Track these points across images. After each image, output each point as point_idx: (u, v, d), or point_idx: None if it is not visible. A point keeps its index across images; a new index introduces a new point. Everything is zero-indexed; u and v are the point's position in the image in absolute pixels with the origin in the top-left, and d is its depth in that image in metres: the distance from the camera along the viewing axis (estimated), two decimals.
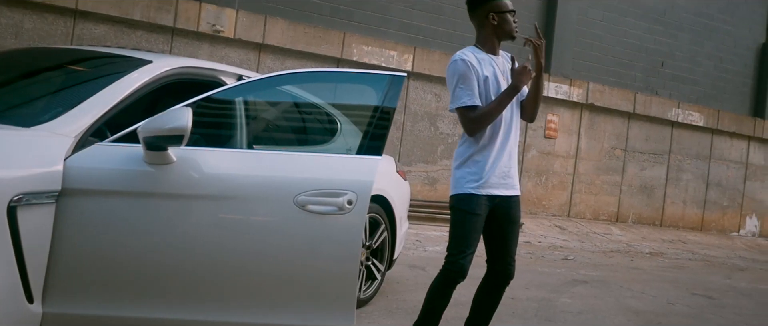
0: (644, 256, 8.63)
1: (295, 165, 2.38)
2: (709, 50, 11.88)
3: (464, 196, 2.74)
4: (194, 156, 2.27)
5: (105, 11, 7.38)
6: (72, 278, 2.18)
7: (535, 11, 10.15)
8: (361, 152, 2.46)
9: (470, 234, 2.72)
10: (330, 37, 8.50)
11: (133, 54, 2.81)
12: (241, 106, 2.61)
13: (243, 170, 2.30)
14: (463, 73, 2.70)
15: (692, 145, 11.64)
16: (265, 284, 2.31)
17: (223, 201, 2.25)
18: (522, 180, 9.92)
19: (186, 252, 2.24)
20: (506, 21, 2.81)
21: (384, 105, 2.50)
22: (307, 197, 2.27)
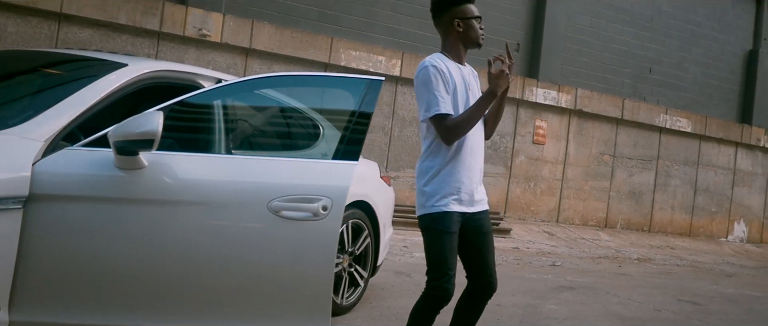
0: (632, 262, 8.63)
1: (270, 171, 2.34)
2: (697, 56, 11.93)
3: (438, 215, 2.59)
4: (166, 160, 2.22)
5: (90, 15, 7.32)
6: (40, 285, 2.13)
7: (522, 17, 10.17)
8: (338, 157, 2.42)
9: (449, 255, 2.58)
10: (317, 42, 8.47)
11: (108, 57, 2.76)
12: (217, 110, 2.57)
13: (216, 175, 2.26)
14: (434, 80, 2.56)
15: (680, 151, 11.67)
16: (238, 291, 2.27)
17: (194, 207, 2.21)
18: (510, 186, 9.92)
19: (157, 259, 2.19)
20: (472, 27, 2.69)
21: (361, 109, 2.46)
22: (281, 203, 2.23)
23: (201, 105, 2.52)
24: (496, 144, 9.82)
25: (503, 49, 2.80)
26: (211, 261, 2.24)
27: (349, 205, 3.80)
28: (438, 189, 2.60)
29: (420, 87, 2.59)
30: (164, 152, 2.23)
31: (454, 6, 2.68)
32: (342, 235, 3.76)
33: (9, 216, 2.03)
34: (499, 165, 9.87)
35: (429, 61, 2.62)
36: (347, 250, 3.84)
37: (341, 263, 3.79)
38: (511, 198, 9.98)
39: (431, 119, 2.55)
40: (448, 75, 2.60)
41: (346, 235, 3.79)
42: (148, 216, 2.19)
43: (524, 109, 10.06)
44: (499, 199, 9.87)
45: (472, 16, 2.69)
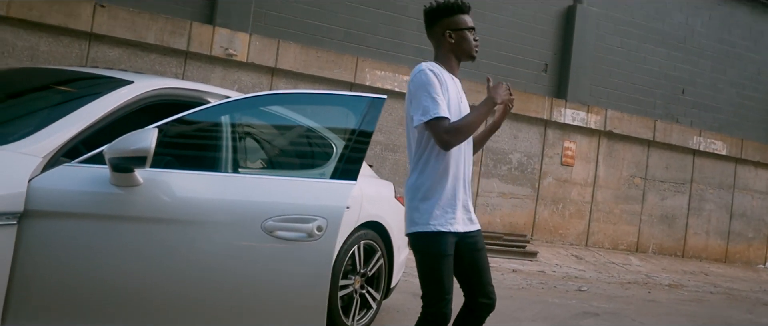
0: (663, 288, 8.37)
1: (265, 189, 2.30)
2: (732, 77, 11.64)
3: (432, 235, 2.47)
4: (162, 178, 2.20)
5: (119, 34, 7.46)
6: (33, 300, 2.12)
7: (550, 37, 10.07)
8: (336, 176, 2.38)
9: (445, 279, 2.46)
10: (343, 62, 8.49)
11: (115, 74, 2.78)
12: (216, 128, 2.55)
13: (210, 194, 2.23)
14: (431, 84, 2.44)
15: (715, 174, 11.35)
16: (231, 311, 2.23)
17: (188, 226, 2.18)
18: (538, 208, 9.75)
19: (150, 277, 2.17)
20: (464, 39, 2.59)
21: (362, 128, 2.41)
22: (276, 222, 2.19)
23: (199, 122, 2.51)
24: (523, 165, 9.68)
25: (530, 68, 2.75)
26: (204, 280, 2.20)
27: (362, 225, 3.75)
28: (430, 207, 2.48)
29: (416, 91, 2.45)
30: (160, 169, 2.21)
31: (446, 16, 2.59)
32: (353, 256, 3.71)
33: (3, 231, 2.02)
34: (527, 186, 9.72)
35: (425, 65, 2.51)
36: (359, 271, 3.78)
37: (353, 284, 3.73)
38: (538, 220, 9.80)
39: (428, 123, 2.41)
40: (444, 83, 2.51)
41: (358, 256, 3.73)
42: (142, 234, 2.16)
43: (552, 129, 9.91)
44: (526, 222, 9.70)
45: (465, 27, 2.59)
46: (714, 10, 11.50)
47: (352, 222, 3.61)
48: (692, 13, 11.29)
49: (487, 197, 9.41)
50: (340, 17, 8.68)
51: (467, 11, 2.63)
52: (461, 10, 2.61)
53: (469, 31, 2.60)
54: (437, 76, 2.48)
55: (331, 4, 8.61)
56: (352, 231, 3.62)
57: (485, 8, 9.56)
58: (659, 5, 10.97)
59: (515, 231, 9.54)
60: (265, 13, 8.28)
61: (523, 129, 9.71)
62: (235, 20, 8.03)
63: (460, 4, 2.60)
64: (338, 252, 3.50)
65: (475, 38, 2.62)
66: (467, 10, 2.63)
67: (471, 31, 2.61)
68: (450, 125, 2.42)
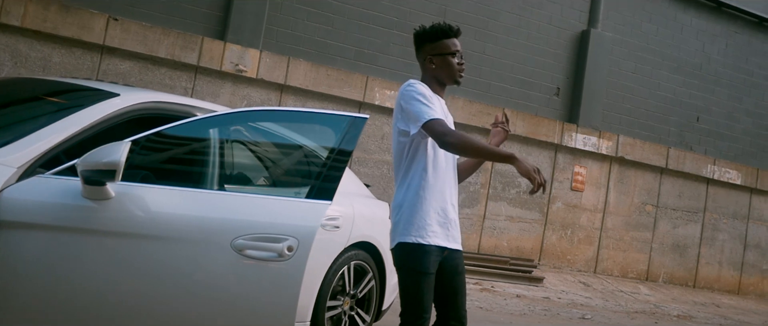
0: (671, 319, 8.20)
1: (237, 207, 2.28)
2: (748, 106, 11.49)
3: (414, 248, 2.45)
4: (134, 192, 2.19)
5: (131, 47, 7.53)
6: (1, 312, 2.11)
7: (563, 61, 10.01)
8: (311, 196, 2.35)
9: (425, 297, 2.45)
10: (353, 81, 8.50)
11: (102, 87, 2.78)
12: (195, 144, 2.54)
13: (182, 210, 2.21)
14: (422, 93, 2.47)
15: (729, 204, 11.16)
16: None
17: (157, 242, 2.17)
18: (546, 233, 9.64)
19: (116, 293, 2.15)
20: (446, 64, 2.59)
21: (340, 147, 2.39)
22: (246, 241, 2.17)
23: (178, 137, 2.50)
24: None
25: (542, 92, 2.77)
26: (172, 298, 2.18)
27: (353, 246, 3.71)
28: (416, 219, 2.45)
29: (407, 102, 2.45)
30: (133, 184, 2.20)
31: (429, 42, 2.61)
32: (343, 277, 3.66)
33: None
34: (535, 210, 9.61)
35: (413, 81, 2.54)
36: (348, 292, 3.73)
37: (341, 305, 3.69)
38: (546, 245, 9.68)
39: (426, 125, 2.39)
40: (433, 97, 2.53)
41: (348, 277, 3.69)
42: (110, 249, 2.15)
43: (563, 154, 9.82)
44: (534, 246, 9.59)
45: (446, 52, 2.60)
46: (731, 38, 11.38)
47: (342, 242, 3.57)
48: (709, 41, 11.18)
49: (494, 220, 9.32)
50: (352, 36, 8.71)
51: (451, 35, 2.63)
52: (444, 35, 2.62)
53: (452, 56, 2.59)
54: (428, 90, 2.53)
55: (342, 23, 8.65)
56: (342, 251, 3.58)
57: (498, 31, 9.54)
58: (675, 32, 10.88)
59: (522, 255, 9.42)
60: (276, 30, 8.33)
61: (533, 152, 9.63)
62: (247, 36, 8.08)
63: (443, 29, 2.61)
64: (327, 273, 3.46)
65: (460, 62, 2.61)
66: (451, 35, 2.63)
67: (453, 55, 2.60)
68: (446, 128, 2.40)
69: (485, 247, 9.20)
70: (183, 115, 2.80)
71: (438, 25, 2.64)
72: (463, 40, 10.07)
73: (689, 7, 11.01)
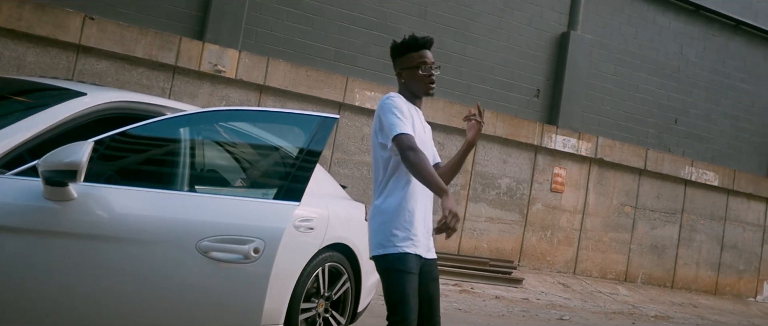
0: (648, 319, 8.26)
1: (203, 208, 2.25)
2: (726, 108, 11.62)
3: (399, 256, 2.51)
4: (98, 193, 2.15)
5: (108, 47, 7.44)
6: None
7: (543, 62, 10.06)
8: (279, 197, 2.32)
9: (412, 297, 2.49)
10: (332, 81, 8.47)
11: (70, 86, 2.73)
12: (161, 144, 2.50)
13: (146, 211, 2.18)
14: (397, 107, 2.51)
15: (706, 205, 11.28)
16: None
17: (121, 243, 2.13)
18: (526, 234, 9.67)
19: (79, 296, 2.10)
20: (413, 78, 2.62)
21: (310, 147, 2.36)
22: (211, 243, 2.14)
23: (143, 137, 2.46)
24: (512, 190, 9.62)
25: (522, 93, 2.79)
26: (135, 300, 2.14)
27: (327, 247, 3.68)
28: (397, 229, 2.50)
29: (383, 114, 2.51)
30: (97, 184, 2.16)
31: (399, 56, 2.66)
32: (317, 278, 3.64)
33: None
34: (515, 212, 9.64)
35: (392, 94, 2.60)
36: (323, 294, 3.70)
37: (316, 307, 3.66)
38: (526, 246, 9.72)
39: (395, 138, 2.44)
40: (409, 111, 2.56)
41: (322, 279, 3.66)
42: (73, 251, 2.11)
43: (542, 155, 9.86)
44: (514, 248, 9.62)
45: (413, 65, 2.62)
46: (709, 41, 11.51)
47: (316, 244, 3.55)
48: (687, 44, 11.30)
49: (474, 222, 9.34)
50: (332, 37, 8.68)
51: (418, 48, 2.63)
52: (410, 48, 2.64)
53: (418, 69, 2.58)
54: (403, 103, 2.57)
55: (322, 24, 8.62)
56: (316, 252, 3.55)
57: (479, 32, 9.57)
58: (654, 34, 10.98)
59: (502, 256, 9.44)
60: (255, 30, 8.28)
61: (513, 154, 9.66)
62: (225, 36, 8.02)
63: (408, 43, 2.65)
64: (300, 274, 3.43)
65: (428, 74, 2.62)
66: (418, 47, 2.63)
67: (422, 66, 2.61)
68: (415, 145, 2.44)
69: (465, 248, 9.21)
70: (152, 115, 2.75)
71: (406, 38, 2.67)
72: (443, 42, 10.08)
73: (668, 10, 11.12)
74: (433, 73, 2.64)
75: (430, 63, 2.65)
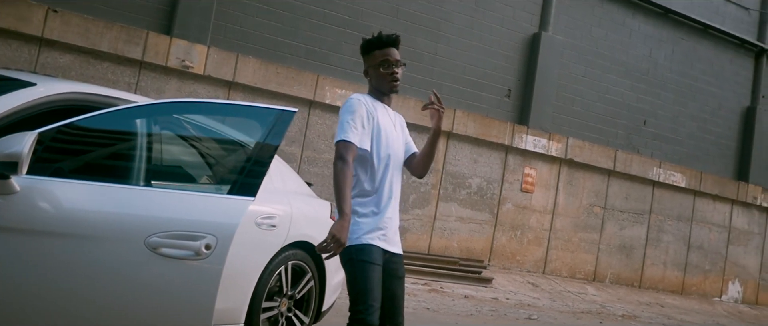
0: (616, 318, 8.33)
1: (152, 203, 2.17)
2: (693, 111, 11.79)
3: (366, 247, 2.51)
4: (41, 186, 2.06)
5: (71, 41, 7.27)
6: None
7: (514, 63, 10.09)
8: (233, 192, 2.25)
9: (374, 287, 2.47)
10: (303, 79, 8.39)
11: (19, 76, 2.63)
12: (111, 136, 2.41)
13: (93, 205, 2.09)
14: (353, 111, 2.52)
15: (674, 206, 11.43)
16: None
17: (67, 239, 2.04)
18: (496, 234, 9.69)
19: (22, 293, 2.01)
20: (377, 76, 2.64)
21: (266, 141, 2.30)
22: (160, 239, 2.06)
23: (92, 129, 2.37)
24: (482, 190, 9.63)
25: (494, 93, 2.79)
26: (81, 298, 2.06)
27: (291, 245, 3.62)
28: (363, 223, 2.51)
29: (342, 115, 2.53)
30: (42, 178, 2.07)
31: (365, 54, 2.68)
32: (280, 277, 3.57)
33: None
34: (485, 211, 9.66)
35: (356, 95, 2.60)
36: (286, 293, 3.63)
37: (278, 306, 3.59)
38: (496, 246, 9.74)
39: (336, 144, 2.47)
40: (372, 113, 2.55)
41: (285, 277, 3.59)
42: (15, 246, 2.02)
43: (513, 155, 9.90)
44: (484, 247, 9.63)
45: (375, 63, 2.62)
46: (677, 44, 11.66)
47: (279, 242, 3.48)
48: (656, 46, 11.43)
49: (444, 221, 9.33)
50: (303, 34, 8.60)
51: (381, 46, 2.63)
52: (373, 46, 2.67)
53: (380, 66, 2.59)
54: (364, 105, 2.54)
55: (293, 20, 8.53)
56: (279, 250, 3.48)
57: (450, 31, 9.56)
58: (623, 36, 11.09)
59: (472, 256, 9.45)
60: (224, 25, 8.16)
61: (483, 153, 9.67)
62: (194, 32, 7.89)
63: (372, 41, 2.66)
64: (262, 273, 3.36)
65: (391, 72, 2.61)
66: (381, 45, 2.63)
67: (385, 65, 2.60)
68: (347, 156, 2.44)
69: (435, 248, 9.20)
70: (105, 107, 2.66)
71: (372, 36, 2.67)
72: (415, 40, 10.06)
73: (637, 13, 11.24)
74: (396, 71, 2.62)
75: (394, 61, 2.64)
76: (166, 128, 2.60)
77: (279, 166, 3.86)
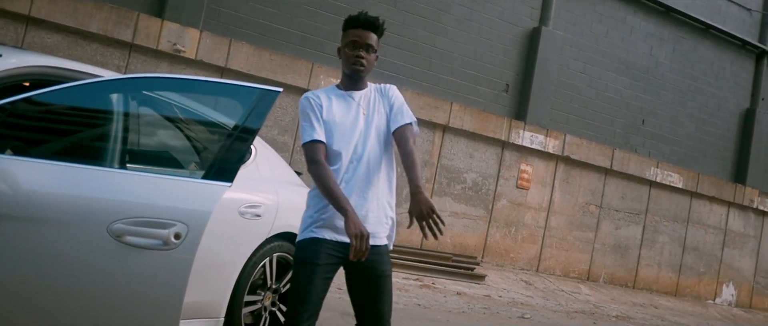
0: (609, 319, 8.19)
1: (119, 186, 1.99)
2: (692, 111, 11.65)
3: (304, 243, 2.33)
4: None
5: (59, 20, 7.06)
6: None
7: (513, 57, 9.92)
8: (209, 177, 2.07)
9: (301, 288, 2.24)
10: (297, 66, 8.20)
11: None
12: (76, 112, 2.22)
13: (52, 187, 1.91)
14: (303, 112, 2.41)
15: (670, 207, 11.30)
16: (68, 321, 1.90)
17: (22, 223, 1.86)
18: (490, 230, 9.53)
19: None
20: (344, 56, 2.47)
21: (246, 124, 2.12)
22: (125, 226, 1.88)
23: (54, 105, 2.18)
24: (477, 185, 9.47)
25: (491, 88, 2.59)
26: (38, 288, 1.88)
27: (276, 237, 3.44)
28: (313, 213, 2.35)
29: (300, 118, 2.43)
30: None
31: (342, 32, 2.50)
32: (264, 269, 3.40)
33: None
34: (480, 207, 9.50)
35: (307, 93, 2.46)
36: (270, 287, 3.46)
37: (262, 300, 3.42)
38: (490, 243, 9.59)
39: (303, 147, 2.35)
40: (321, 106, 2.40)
41: (269, 270, 3.42)
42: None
43: (509, 151, 9.74)
44: (478, 243, 9.48)
45: (344, 43, 2.46)
46: (678, 43, 11.51)
47: (263, 232, 3.31)
48: (656, 45, 11.28)
49: None
50: (298, 21, 8.40)
51: (354, 25, 2.45)
52: (347, 25, 2.47)
53: (349, 47, 2.43)
54: (312, 101, 2.40)
55: (289, 7, 8.33)
56: (263, 242, 3.31)
57: (449, 23, 9.38)
58: (624, 34, 10.93)
59: (465, 252, 9.30)
60: (218, 10, 7.96)
61: (479, 148, 9.51)
62: (186, 15, 7.69)
63: (346, 20, 2.49)
64: (245, 265, 3.19)
65: (358, 55, 2.41)
66: (353, 25, 2.45)
67: (351, 46, 2.43)
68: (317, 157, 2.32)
69: (428, 243, 9.04)
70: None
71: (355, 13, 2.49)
72: (413, 32, 9.84)
73: (639, 11, 11.08)
74: (361, 54, 2.42)
75: (363, 43, 2.43)
76: (137, 106, 2.41)
77: (267, 154, 3.68)
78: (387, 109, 2.49)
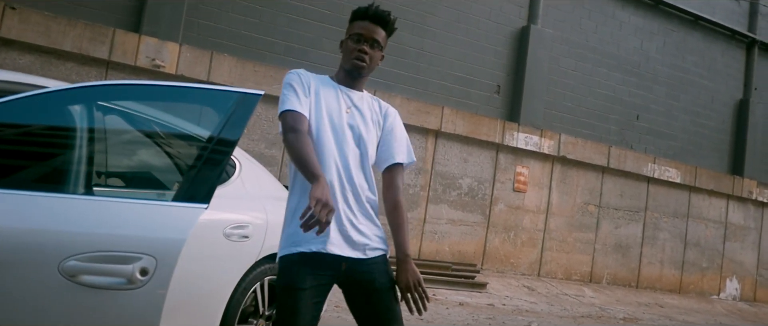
0: (618, 322, 7.93)
1: (72, 216, 1.69)
2: (686, 105, 11.47)
3: (285, 264, 2.03)
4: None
5: (31, 40, 6.76)
6: None
7: (504, 57, 9.69)
8: (181, 198, 1.79)
9: (289, 319, 1.95)
10: (281, 77, 7.88)
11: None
12: (21, 129, 1.92)
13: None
14: (289, 83, 2.14)
15: (669, 203, 11.08)
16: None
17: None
18: (488, 236, 9.27)
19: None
20: (345, 50, 2.25)
21: (222, 134, 1.83)
22: (79, 263, 1.59)
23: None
24: (473, 190, 9.21)
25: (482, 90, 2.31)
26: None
27: (267, 258, 3.15)
28: (293, 229, 2.02)
29: (282, 90, 2.14)
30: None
31: (349, 24, 2.25)
32: (255, 295, 3.11)
33: None
34: (477, 213, 9.24)
35: (297, 69, 2.25)
36: (262, 314, 3.17)
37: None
38: (489, 249, 9.32)
39: (281, 115, 2.06)
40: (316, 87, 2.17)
41: (260, 296, 3.13)
42: None
43: (504, 154, 9.49)
44: (477, 250, 9.20)
45: (347, 35, 2.23)
46: (668, 36, 11.34)
47: (252, 255, 3.02)
48: (647, 39, 11.10)
49: (435, 224, 8.89)
50: (281, 30, 8.13)
51: (361, 17, 2.22)
52: (354, 16, 2.25)
53: (350, 39, 2.21)
54: (301, 77, 2.18)
55: (270, 16, 8.07)
56: (252, 265, 3.02)
57: (436, 26, 9.14)
58: (614, 29, 10.74)
59: (464, 260, 9.02)
60: (197, 22, 7.68)
61: (473, 153, 9.26)
62: (164, 29, 7.41)
63: (355, 11, 2.24)
64: (234, 291, 2.90)
65: (361, 49, 2.15)
66: (360, 17, 2.22)
67: (355, 38, 2.19)
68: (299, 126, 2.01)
69: (426, 253, 8.76)
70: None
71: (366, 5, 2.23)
72: (400, 36, 9.53)
73: (627, 4, 10.90)
74: (364, 49, 2.16)
75: (369, 37, 2.19)
76: (92, 119, 2.10)
77: (253, 168, 3.39)
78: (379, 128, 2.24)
